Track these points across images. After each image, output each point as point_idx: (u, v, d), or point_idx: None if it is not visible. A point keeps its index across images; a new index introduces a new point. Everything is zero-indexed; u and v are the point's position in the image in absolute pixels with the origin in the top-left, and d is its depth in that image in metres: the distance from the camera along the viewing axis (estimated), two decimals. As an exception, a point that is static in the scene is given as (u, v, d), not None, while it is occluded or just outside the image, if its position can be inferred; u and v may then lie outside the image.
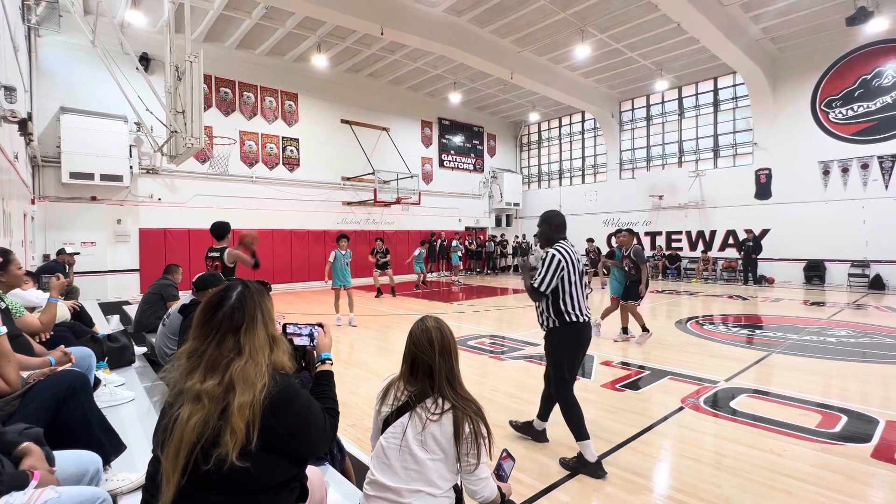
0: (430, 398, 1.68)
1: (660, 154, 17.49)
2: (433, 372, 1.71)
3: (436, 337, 1.76)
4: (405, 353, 1.80)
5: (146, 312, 5.46)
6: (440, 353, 1.74)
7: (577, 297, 3.17)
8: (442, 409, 1.65)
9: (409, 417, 1.66)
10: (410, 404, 1.69)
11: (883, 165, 12.46)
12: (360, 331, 7.88)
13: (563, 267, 3.11)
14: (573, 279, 3.16)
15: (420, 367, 1.73)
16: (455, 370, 1.77)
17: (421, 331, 1.78)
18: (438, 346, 1.75)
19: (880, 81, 12.42)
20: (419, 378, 1.74)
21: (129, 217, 11.82)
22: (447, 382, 1.71)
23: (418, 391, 1.71)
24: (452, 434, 1.62)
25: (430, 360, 1.71)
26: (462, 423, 1.63)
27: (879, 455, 3.18)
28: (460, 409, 1.66)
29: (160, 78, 9.89)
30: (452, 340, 1.79)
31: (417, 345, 1.75)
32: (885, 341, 6.60)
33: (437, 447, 1.63)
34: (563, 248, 3.18)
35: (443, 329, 1.79)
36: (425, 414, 1.64)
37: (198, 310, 1.38)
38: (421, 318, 1.84)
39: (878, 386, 4.75)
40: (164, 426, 1.23)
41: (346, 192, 15.99)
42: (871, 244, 12.59)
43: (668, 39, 12.86)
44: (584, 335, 3.21)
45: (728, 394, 4.46)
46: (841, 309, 9.52)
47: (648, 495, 2.72)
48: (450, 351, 1.77)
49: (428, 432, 1.62)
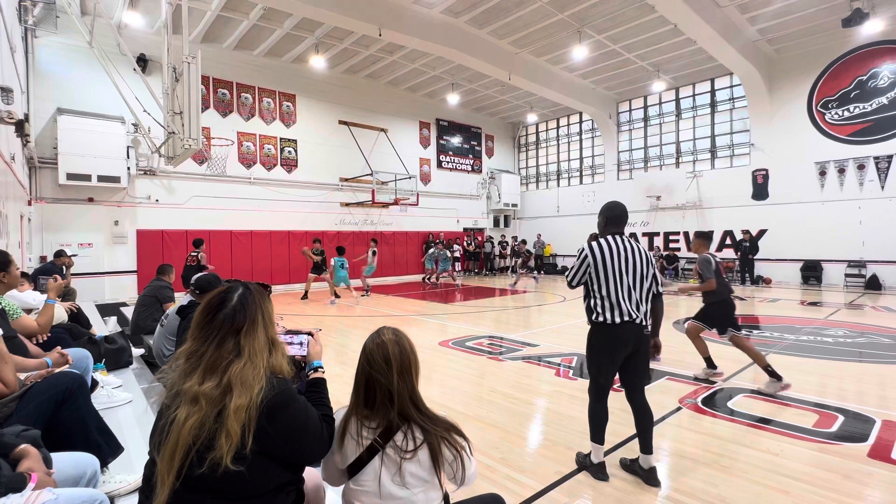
0: (398, 432, 1.45)
1: (657, 155, 17.54)
2: (392, 396, 1.47)
3: (393, 353, 1.52)
4: (357, 375, 1.55)
5: (142, 315, 5.45)
6: (399, 372, 1.50)
7: (611, 296, 2.87)
8: (415, 442, 1.44)
9: (381, 461, 1.43)
10: (377, 446, 1.45)
11: (879, 166, 12.52)
12: (356, 332, 7.87)
13: (589, 263, 2.93)
14: (604, 276, 2.88)
15: (377, 392, 1.49)
16: (416, 389, 1.55)
17: (376, 346, 1.54)
18: (397, 365, 1.50)
19: (876, 82, 12.48)
20: (378, 407, 1.49)
21: (126, 218, 11.79)
22: (412, 405, 1.49)
23: (382, 428, 1.46)
24: (431, 465, 1.45)
25: (387, 383, 1.48)
26: (439, 450, 1.45)
27: (876, 454, 3.19)
28: (433, 434, 1.46)
29: (158, 79, 9.89)
30: (413, 355, 1.57)
31: (372, 363, 1.51)
32: (882, 341, 6.63)
33: (418, 481, 1.44)
34: (598, 244, 2.96)
35: (401, 342, 1.56)
36: (398, 454, 1.43)
37: (198, 311, 1.37)
38: (376, 331, 1.62)
39: (874, 385, 4.77)
40: (160, 428, 1.22)
41: (344, 194, 15.98)
42: (868, 244, 12.65)
43: (665, 41, 12.91)
44: (613, 338, 2.89)
45: (726, 394, 4.47)
46: (838, 309, 9.55)
47: (647, 495, 2.73)
48: (410, 368, 1.54)
49: (406, 471, 1.43)
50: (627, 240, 3.00)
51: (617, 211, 3.08)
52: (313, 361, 1.74)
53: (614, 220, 3.06)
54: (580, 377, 5.11)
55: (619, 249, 2.92)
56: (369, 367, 1.52)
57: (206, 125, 12.51)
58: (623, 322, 2.86)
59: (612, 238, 2.98)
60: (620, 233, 3.04)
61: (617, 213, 3.07)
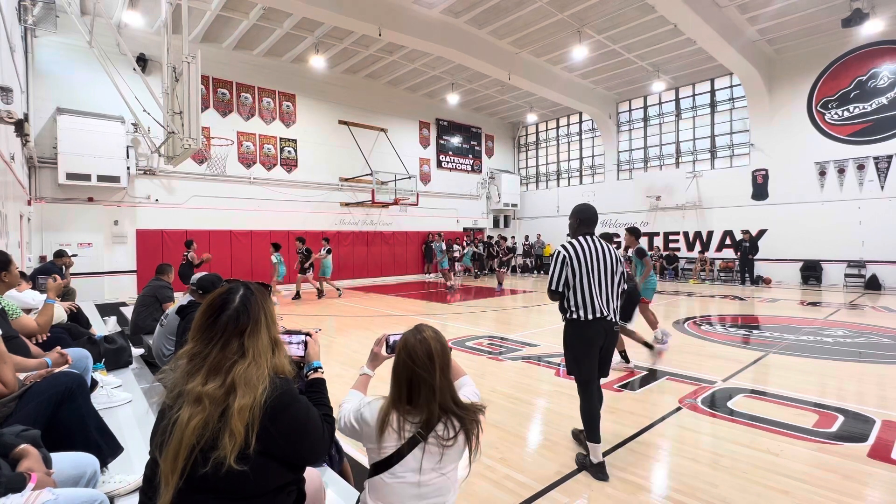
0: (440, 424, 1.50)
1: (657, 155, 17.54)
2: (435, 392, 1.51)
3: (436, 350, 1.55)
4: (397, 372, 1.56)
5: (142, 315, 5.44)
6: (441, 368, 1.54)
7: (584, 294, 3.01)
8: (455, 429, 1.51)
9: (423, 452, 1.48)
10: (420, 438, 1.49)
11: (879, 166, 12.53)
12: (358, 332, 7.87)
13: (567, 264, 3.05)
14: (578, 275, 3.02)
15: (421, 388, 1.51)
16: (454, 386, 1.60)
17: (419, 343, 1.56)
18: (440, 361, 1.54)
19: (876, 83, 12.49)
20: (421, 403, 1.51)
21: (126, 218, 11.78)
22: (451, 399, 1.54)
23: (424, 420, 1.50)
24: (464, 446, 1.54)
25: (431, 380, 1.51)
26: (472, 435, 1.54)
27: (876, 454, 3.19)
28: (468, 422, 1.53)
29: (157, 79, 9.89)
30: (450, 353, 1.62)
31: (415, 359, 1.53)
32: (882, 341, 6.63)
33: (453, 463, 1.55)
34: (571, 244, 3.09)
35: (441, 340, 1.61)
36: (439, 443, 1.49)
37: (199, 311, 1.37)
38: (415, 327, 1.65)
39: (874, 385, 4.77)
40: (162, 428, 1.22)
41: (343, 193, 15.98)
42: (868, 244, 12.66)
43: (665, 41, 12.91)
44: (587, 334, 3.03)
45: (725, 394, 4.47)
46: (837, 309, 9.56)
47: (646, 495, 2.73)
48: (449, 365, 1.59)
49: (446, 457, 1.51)
50: (598, 240, 3.15)
51: (588, 213, 3.21)
52: (312, 362, 1.74)
53: (586, 222, 3.19)
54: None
55: (592, 249, 3.07)
56: (413, 363, 1.53)
57: (206, 125, 12.51)
58: (595, 319, 3.01)
59: (585, 239, 3.12)
60: (592, 233, 3.19)
61: (588, 215, 3.20)
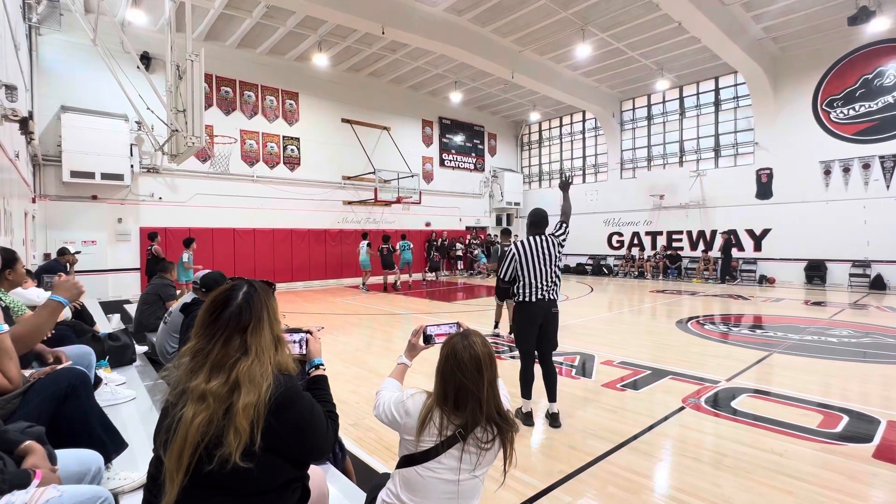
0: (478, 427, 1.52)
1: (660, 154, 17.47)
2: (482, 405, 1.51)
3: (485, 362, 1.54)
4: (444, 377, 1.56)
5: (145, 313, 5.46)
6: (490, 381, 1.54)
7: (529, 281, 3.78)
8: (493, 434, 1.53)
9: (461, 451, 1.50)
10: (460, 437, 1.51)
11: (884, 165, 12.44)
12: (361, 330, 7.88)
13: (515, 259, 3.84)
14: (525, 267, 3.80)
15: (467, 399, 1.51)
16: (500, 395, 1.60)
17: (467, 352, 1.55)
18: (488, 374, 1.54)
19: (882, 81, 12.39)
20: (465, 410, 1.52)
21: (129, 216, 11.82)
22: (496, 411, 1.55)
23: (464, 423, 1.51)
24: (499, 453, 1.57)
25: (478, 393, 1.51)
26: (507, 448, 1.55)
27: (881, 455, 3.17)
28: (506, 433, 1.54)
29: (161, 77, 9.89)
30: (495, 361, 1.61)
31: (464, 370, 1.52)
32: (886, 341, 6.60)
33: (487, 466, 1.57)
34: (520, 243, 3.86)
35: (489, 349, 1.59)
36: (478, 445, 1.52)
37: (202, 308, 1.37)
38: (463, 333, 1.64)
39: (879, 386, 4.75)
40: (166, 426, 1.22)
41: (346, 192, 15.99)
42: (873, 244, 12.58)
43: (669, 39, 12.84)
44: (529, 312, 3.81)
45: (729, 394, 4.45)
46: (842, 309, 9.51)
47: (649, 495, 2.72)
48: (496, 376, 1.58)
49: (483, 460, 1.54)
50: (543, 237, 3.89)
51: (536, 217, 3.98)
52: (314, 359, 1.74)
53: (535, 224, 3.96)
54: (583, 376, 5.10)
55: (536, 246, 3.84)
56: (461, 374, 1.52)
57: (209, 123, 12.52)
58: (536, 300, 3.79)
59: (532, 238, 3.89)
60: (540, 233, 3.93)
61: (536, 220, 3.97)
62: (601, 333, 7.41)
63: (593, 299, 11.68)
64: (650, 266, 16.64)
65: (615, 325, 8.42)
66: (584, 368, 5.37)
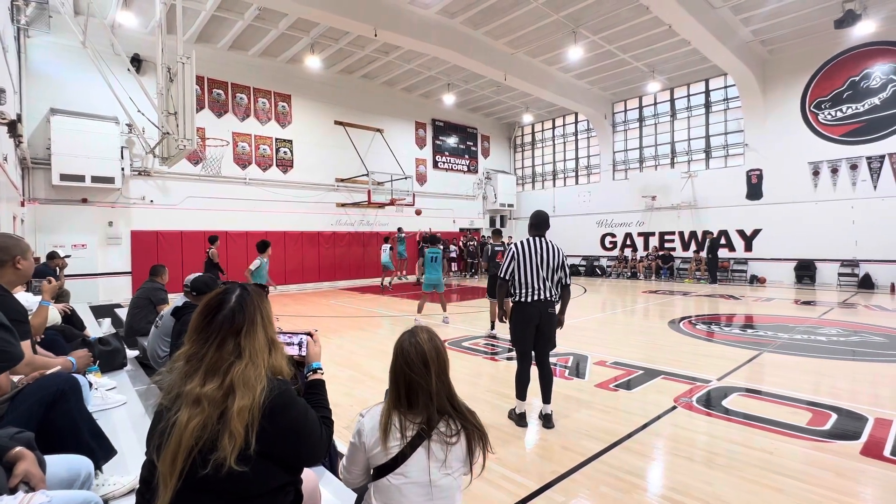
0: (441, 422, 1.53)
1: (652, 155, 17.60)
2: (433, 398, 1.53)
3: (431, 356, 1.56)
4: (394, 376, 1.58)
5: (136, 317, 5.41)
6: (437, 374, 1.55)
7: (527, 282, 3.78)
8: (457, 429, 1.54)
9: (427, 449, 1.50)
10: (424, 434, 1.51)
11: (871, 166, 12.62)
12: (354, 332, 7.86)
13: (515, 258, 3.84)
14: (523, 267, 3.80)
15: (419, 394, 1.53)
16: (452, 387, 1.61)
17: (413, 348, 1.57)
18: (435, 367, 1.55)
19: (868, 83, 12.58)
20: (420, 407, 1.53)
21: (120, 219, 11.72)
22: (448, 403, 1.56)
23: (424, 420, 1.53)
24: (467, 453, 1.56)
25: (426, 385, 1.52)
26: (473, 444, 1.56)
27: (868, 452, 3.22)
28: (468, 428, 1.55)
29: (152, 79, 9.84)
30: (446, 354, 1.62)
31: (411, 365, 1.54)
32: (874, 339, 6.69)
33: (458, 462, 1.55)
34: (521, 243, 3.85)
35: (436, 343, 1.60)
36: (443, 440, 1.52)
37: (196, 312, 1.37)
38: (410, 330, 1.65)
39: (867, 384, 4.81)
40: (160, 430, 1.22)
41: (339, 194, 15.95)
42: (861, 244, 12.75)
43: (659, 41, 12.96)
44: (525, 313, 3.80)
45: (720, 393, 4.49)
46: (831, 308, 9.62)
47: (642, 494, 2.74)
48: (445, 368, 1.59)
49: (452, 456, 1.52)
50: (544, 240, 3.89)
51: (535, 220, 3.99)
52: (312, 363, 1.73)
53: (536, 226, 3.97)
54: (576, 377, 5.13)
55: (536, 248, 3.83)
56: (409, 369, 1.54)
57: (201, 125, 12.46)
58: (533, 301, 3.78)
59: (533, 239, 3.89)
60: (541, 235, 3.93)
61: (537, 221, 3.98)
62: (595, 334, 7.45)
63: (587, 300, 11.73)
64: (643, 267, 16.75)
65: (608, 325, 8.47)
66: (578, 369, 5.40)
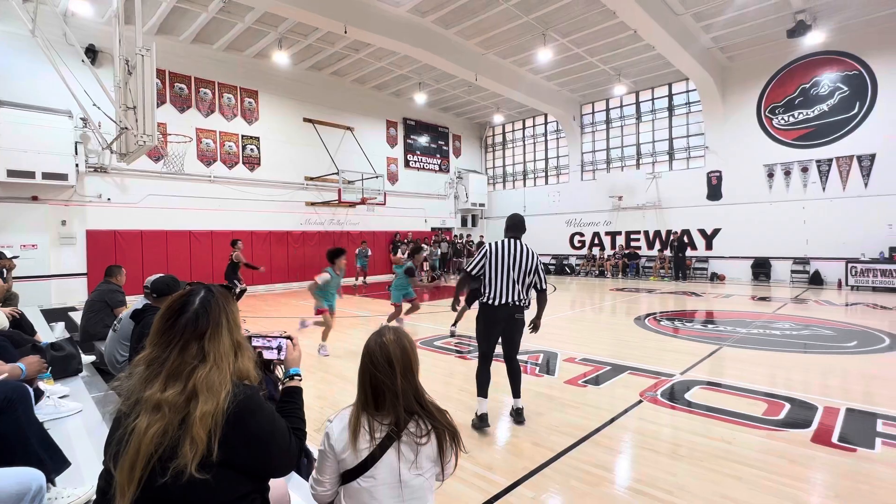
0: (411, 422, 1.51)
1: (619, 156, 18.07)
2: (397, 395, 1.51)
3: (395, 354, 1.54)
4: (361, 377, 1.57)
5: (92, 320, 5.17)
6: (403, 373, 1.53)
7: (495, 283, 3.70)
8: (427, 429, 1.52)
9: (397, 452, 1.48)
10: (394, 436, 1.49)
11: (821, 169, 13.37)
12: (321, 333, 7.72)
13: (486, 257, 3.77)
14: (494, 268, 3.71)
15: (385, 393, 1.51)
16: (419, 385, 1.59)
17: (379, 347, 1.56)
18: (400, 367, 1.53)
19: (818, 90, 13.31)
20: (387, 408, 1.52)
21: (74, 218, 11.14)
22: (416, 402, 1.54)
23: (393, 421, 1.51)
24: (438, 453, 1.54)
25: (392, 384, 1.51)
26: (444, 443, 1.53)
27: (818, 439, 3.41)
28: (438, 427, 1.54)
29: (109, 71, 9.38)
30: (414, 353, 1.60)
31: (377, 365, 1.53)
32: (824, 333, 7.08)
33: (430, 462, 1.53)
34: (495, 243, 3.78)
35: (403, 343, 1.58)
36: (413, 440, 1.50)
37: (158, 315, 1.32)
38: (377, 330, 1.64)
39: (817, 375, 5.09)
40: (118, 437, 1.17)
41: (309, 193, 15.67)
42: (811, 242, 13.48)
43: (625, 46, 13.31)
44: (491, 315, 3.74)
45: (683, 386, 4.66)
46: (784, 303, 10.14)
47: (610, 487, 2.81)
48: (412, 367, 1.57)
49: (422, 456, 1.51)
50: (519, 243, 3.80)
51: (511, 222, 3.94)
52: (290, 368, 1.66)
53: (512, 227, 3.91)
54: (546, 374, 5.21)
55: (509, 250, 3.74)
56: (374, 368, 1.53)
57: (163, 121, 11.99)
58: (500, 304, 3.70)
59: (508, 240, 3.81)
60: (516, 237, 3.85)
61: (511, 223, 3.93)
62: (564, 331, 7.59)
63: (556, 298, 11.94)
64: (610, 265, 17.19)
65: (577, 323, 8.65)
66: (548, 366, 5.49)
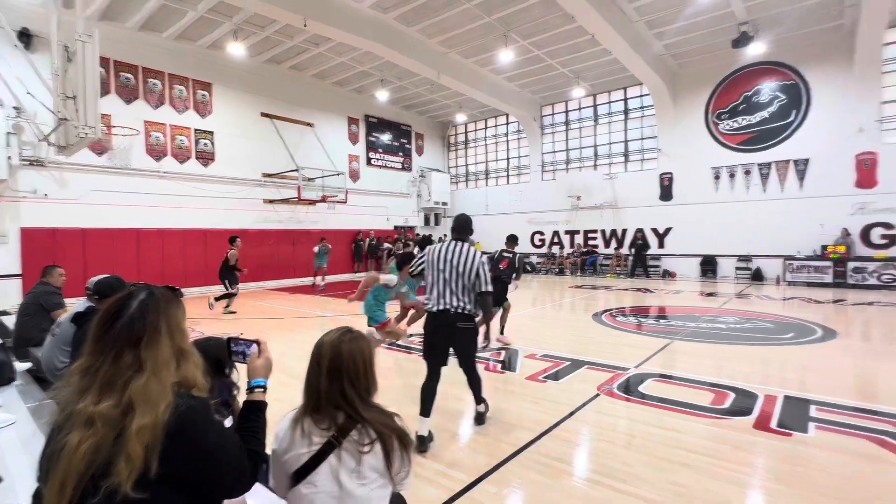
0: (354, 430, 1.44)
1: (577, 157, 18.58)
2: (337, 403, 1.46)
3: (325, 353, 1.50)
4: (306, 378, 1.51)
5: (27, 325, 4.81)
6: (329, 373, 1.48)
7: (435, 289, 3.47)
8: (371, 437, 1.44)
9: (338, 459, 1.41)
10: (335, 442, 1.43)
11: (762, 172, 14.27)
12: (284, 333, 7.54)
13: (424, 260, 3.68)
14: (432, 273, 3.49)
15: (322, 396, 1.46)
16: (371, 389, 1.54)
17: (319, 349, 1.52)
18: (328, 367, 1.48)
19: (759, 98, 14.19)
20: (327, 412, 1.45)
21: (6, 215, 10.32)
22: (359, 409, 1.47)
23: (335, 428, 1.44)
24: (384, 461, 1.46)
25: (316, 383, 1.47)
26: (391, 449, 1.45)
27: (759, 426, 3.64)
28: (385, 434, 1.46)
29: (45, 58, 8.75)
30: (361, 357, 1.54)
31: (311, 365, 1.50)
32: (764, 325, 7.57)
33: (375, 472, 1.45)
34: (433, 247, 3.59)
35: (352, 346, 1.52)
36: (355, 447, 1.43)
37: (94, 320, 1.23)
38: (329, 331, 1.59)
39: (758, 365, 5.43)
40: (49, 454, 1.08)
41: (267, 190, 15.20)
42: (753, 241, 14.36)
43: (583, 49, 13.69)
44: (432, 324, 3.52)
45: (638, 379, 4.86)
46: (729, 298, 10.75)
47: (569, 479, 2.90)
48: (357, 372, 1.51)
49: (366, 464, 1.43)
50: (459, 245, 3.53)
51: (456, 223, 3.74)
52: (253, 379, 1.54)
53: (457, 229, 3.69)
54: (508, 370, 5.30)
55: (449, 252, 3.48)
56: (310, 370, 1.52)
57: (107, 112, 11.29)
58: (439, 311, 3.45)
59: (449, 243, 3.57)
60: (461, 239, 3.60)
61: (456, 224, 3.72)
62: (525, 328, 7.73)
63: (517, 296, 12.13)
64: (569, 263, 17.66)
65: (538, 319, 8.84)
66: (510, 363, 5.58)
